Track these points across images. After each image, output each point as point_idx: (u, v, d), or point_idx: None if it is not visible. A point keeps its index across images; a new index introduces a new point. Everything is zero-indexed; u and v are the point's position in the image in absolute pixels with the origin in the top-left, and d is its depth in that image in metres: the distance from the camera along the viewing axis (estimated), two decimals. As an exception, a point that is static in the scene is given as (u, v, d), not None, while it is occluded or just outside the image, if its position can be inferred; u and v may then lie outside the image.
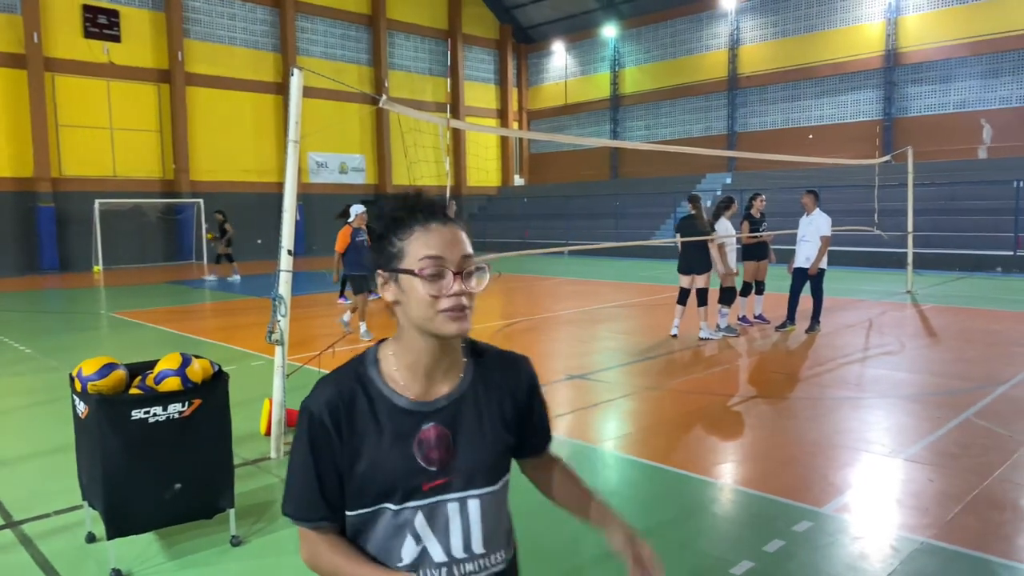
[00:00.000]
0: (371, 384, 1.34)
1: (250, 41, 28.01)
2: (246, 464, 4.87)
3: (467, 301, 1.27)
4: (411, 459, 1.30)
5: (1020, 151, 22.41)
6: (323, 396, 1.32)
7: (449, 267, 1.25)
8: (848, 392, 6.62)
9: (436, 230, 1.27)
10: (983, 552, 3.48)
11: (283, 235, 5.00)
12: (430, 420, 1.32)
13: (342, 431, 1.30)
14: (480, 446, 1.35)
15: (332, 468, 1.31)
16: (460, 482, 1.33)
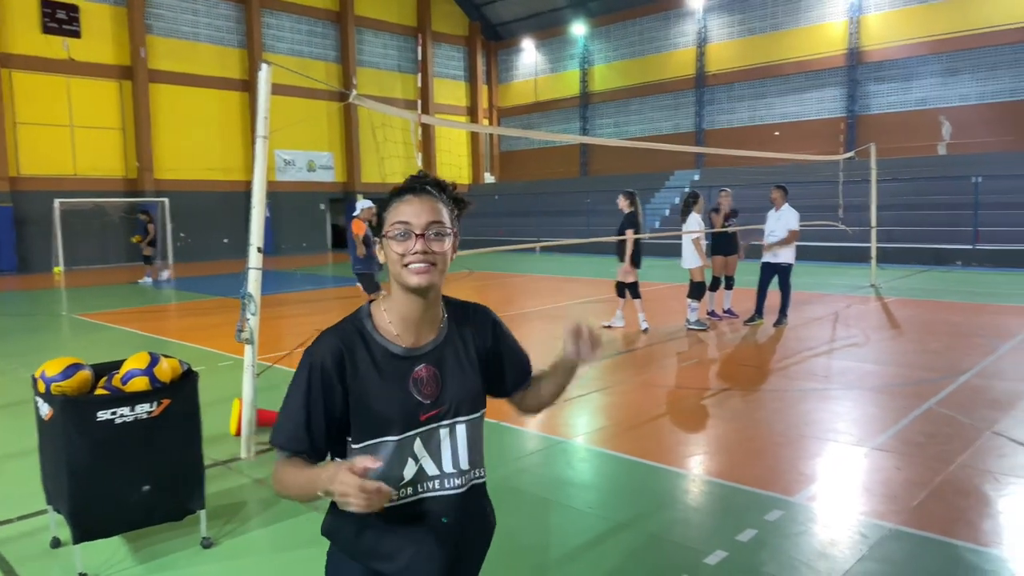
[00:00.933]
0: (368, 335, 1.58)
1: (215, 37, 27.57)
2: (216, 465, 4.80)
3: (431, 258, 1.51)
4: (409, 395, 1.56)
5: (978, 148, 22.98)
6: (326, 344, 1.55)
7: (414, 230, 1.51)
8: (816, 384, 6.73)
9: (408, 200, 1.55)
10: (949, 537, 3.57)
11: (252, 232, 4.92)
12: (421, 362, 1.59)
13: (345, 375, 1.53)
14: (462, 381, 1.63)
15: (324, 409, 1.53)
16: (449, 411, 1.60)
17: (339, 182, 31.79)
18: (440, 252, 1.53)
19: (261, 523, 3.95)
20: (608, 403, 6.39)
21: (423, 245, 1.51)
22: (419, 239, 1.51)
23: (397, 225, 1.52)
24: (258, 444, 5.04)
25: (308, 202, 30.62)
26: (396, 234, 1.52)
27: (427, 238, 1.51)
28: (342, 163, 31.79)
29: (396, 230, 1.52)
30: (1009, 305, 11.25)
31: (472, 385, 1.65)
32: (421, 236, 1.51)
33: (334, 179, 31.60)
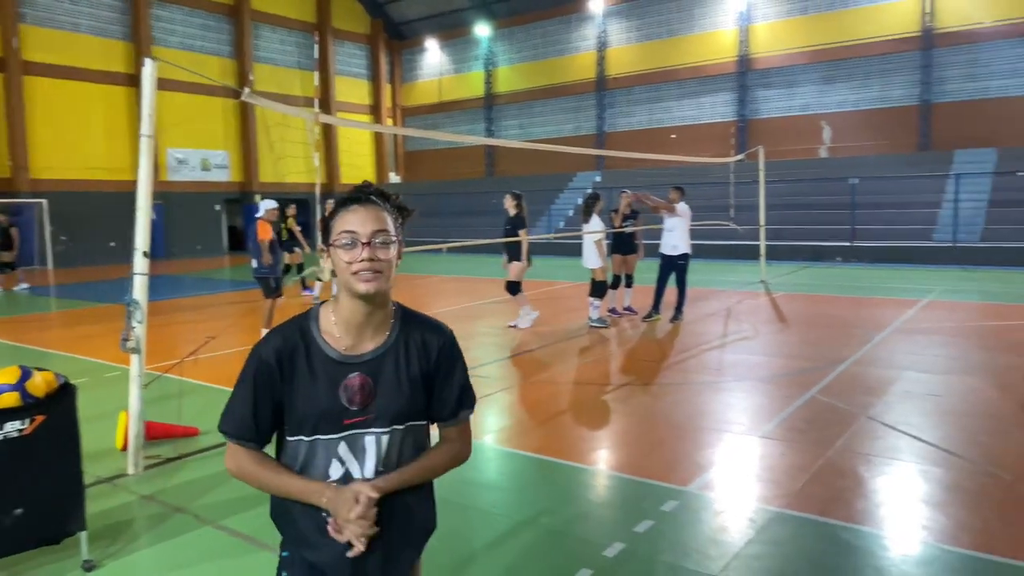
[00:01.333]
0: (310, 337, 1.67)
1: (97, 28, 25.98)
2: (100, 483, 4.53)
3: (377, 266, 1.58)
4: (336, 400, 1.63)
5: (855, 151, 24.62)
6: (271, 343, 1.66)
7: (360, 238, 1.58)
8: (710, 376, 7.03)
9: (353, 210, 1.61)
10: (828, 517, 3.81)
11: (137, 236, 4.68)
12: (356, 370, 1.65)
13: (284, 371, 1.64)
14: (396, 394, 1.67)
15: (269, 401, 1.64)
16: (377, 420, 1.65)
17: (235, 182, 30.61)
18: (386, 259, 1.60)
19: (149, 541, 3.77)
20: (512, 402, 6.45)
21: (369, 253, 1.57)
22: (365, 247, 1.57)
23: (344, 234, 1.59)
24: (147, 459, 4.81)
25: (202, 203, 29.34)
26: (343, 243, 1.59)
27: (373, 246, 1.58)
28: (238, 162, 30.64)
29: (343, 239, 1.59)
30: (883, 298, 12.11)
31: (405, 400, 1.68)
32: (367, 244, 1.57)
33: (230, 179, 30.41)
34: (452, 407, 1.77)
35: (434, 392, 1.74)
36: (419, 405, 1.72)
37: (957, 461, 4.58)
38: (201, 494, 4.33)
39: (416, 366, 1.70)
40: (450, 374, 1.75)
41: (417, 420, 1.73)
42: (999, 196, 19.66)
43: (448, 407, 1.76)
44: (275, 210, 9.05)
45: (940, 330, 9.01)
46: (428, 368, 1.72)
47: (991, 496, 4.03)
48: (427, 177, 36.69)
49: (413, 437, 1.72)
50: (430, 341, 1.73)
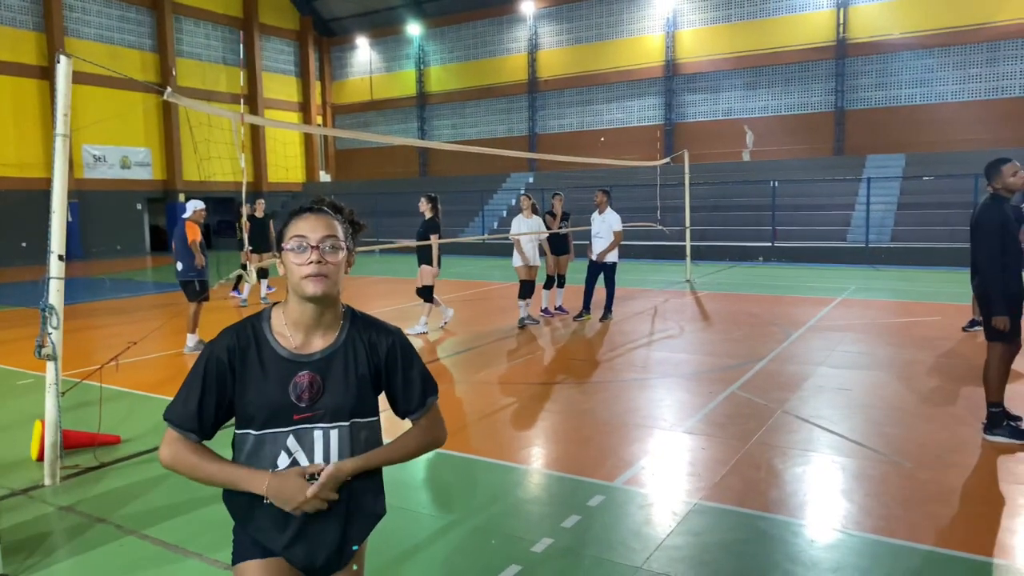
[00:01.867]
0: (262, 336, 1.75)
1: (5, 18, 24.66)
2: (14, 495, 4.36)
3: (324, 269, 1.67)
4: (285, 395, 1.71)
5: (776, 155, 25.61)
6: (224, 340, 1.74)
7: (310, 242, 1.67)
8: (636, 374, 7.24)
9: (305, 217, 1.72)
10: (745, 507, 4.01)
11: (52, 238, 4.52)
12: (305, 368, 1.73)
13: (235, 368, 1.72)
14: (344, 392, 1.75)
15: (216, 396, 1.72)
16: (325, 416, 1.74)
17: (158, 180, 29.58)
18: (334, 263, 1.69)
19: (68, 553, 3.66)
20: (442, 403, 6.47)
21: (318, 256, 1.66)
22: (314, 251, 1.67)
23: (295, 239, 1.69)
24: (64, 468, 4.65)
25: (123, 201, 28.22)
26: (294, 247, 1.68)
27: (322, 250, 1.67)
28: (161, 159, 29.60)
29: (294, 243, 1.68)
30: (800, 296, 12.67)
31: (353, 398, 1.76)
32: (316, 248, 1.67)
33: (152, 177, 29.35)
34: (418, 398, 1.88)
35: (395, 390, 1.85)
36: (368, 403, 1.80)
37: (863, 451, 4.87)
38: (123, 503, 4.22)
39: (365, 365, 1.78)
40: (407, 368, 1.85)
41: (366, 416, 1.80)
42: (907, 199, 20.82)
43: (414, 399, 1.88)
44: (203, 211, 8.79)
45: (851, 327, 9.50)
46: (378, 367, 1.81)
47: (892, 483, 4.31)
48: (359, 177, 36.25)
49: (365, 434, 1.80)
50: (379, 341, 1.82)
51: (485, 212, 27.93)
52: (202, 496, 4.28)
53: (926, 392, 6.34)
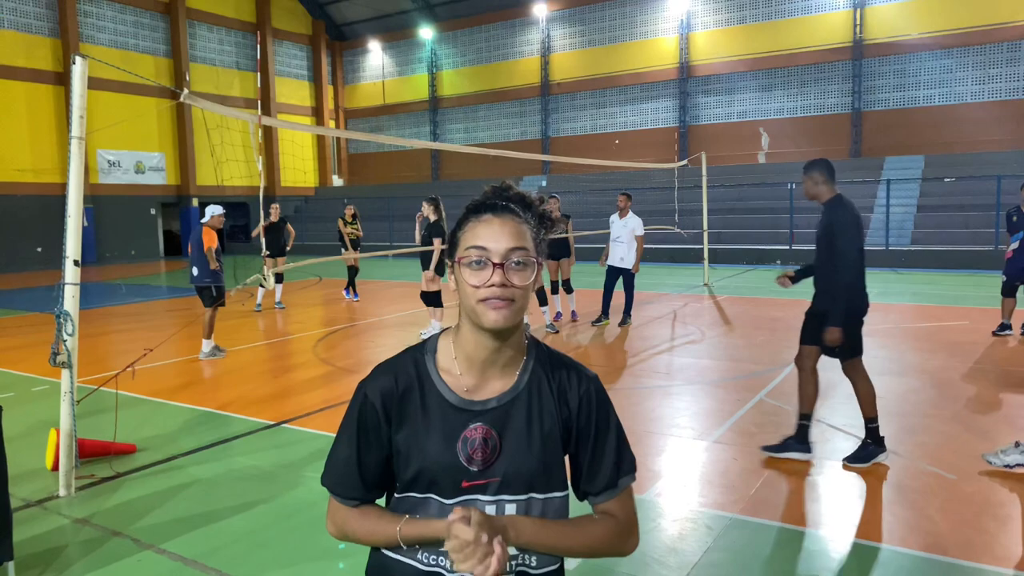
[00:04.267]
0: (426, 375, 1.38)
1: (21, 24, 24.82)
2: (29, 506, 4.26)
3: (510, 293, 1.29)
4: (454, 456, 1.33)
5: (793, 157, 25.35)
6: (379, 382, 1.38)
7: (492, 257, 1.29)
8: (659, 381, 7.08)
9: (486, 221, 1.33)
10: (783, 522, 3.85)
11: (67, 244, 4.43)
12: (478, 419, 1.35)
13: (391, 418, 1.36)
14: (525, 452, 1.35)
15: (376, 451, 1.38)
16: (501, 485, 1.35)
17: (172, 184, 29.67)
18: (521, 286, 1.30)
19: (83, 569, 3.54)
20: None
21: (501, 277, 1.28)
22: (497, 269, 1.28)
23: (472, 251, 1.30)
24: (79, 479, 4.55)
25: (137, 206, 28.33)
26: (471, 261, 1.30)
27: (507, 268, 1.29)
28: (175, 164, 29.70)
29: (471, 256, 1.30)
30: (821, 300, 12.46)
31: (536, 461, 1.36)
32: (500, 266, 1.29)
33: (166, 181, 29.46)
34: (610, 474, 1.40)
35: (582, 459, 1.41)
36: (554, 470, 1.39)
37: (901, 461, 4.70)
38: (140, 516, 4.11)
39: (551, 418, 1.38)
40: (602, 431, 1.41)
41: (552, 491, 1.39)
42: (927, 201, 20.53)
43: (604, 475, 1.40)
44: (221, 216, 8.66)
45: (877, 332, 9.29)
46: (567, 423, 1.40)
47: (936, 496, 4.14)
48: (371, 180, 36.25)
49: (548, 512, 1.39)
50: (569, 386, 1.41)
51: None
52: (220, 509, 4.17)
53: (961, 399, 6.14)
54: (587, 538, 1.36)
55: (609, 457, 1.40)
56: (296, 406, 6.41)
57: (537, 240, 1.36)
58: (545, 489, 1.38)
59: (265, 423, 5.86)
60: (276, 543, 3.76)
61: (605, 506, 1.41)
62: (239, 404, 6.51)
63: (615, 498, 1.41)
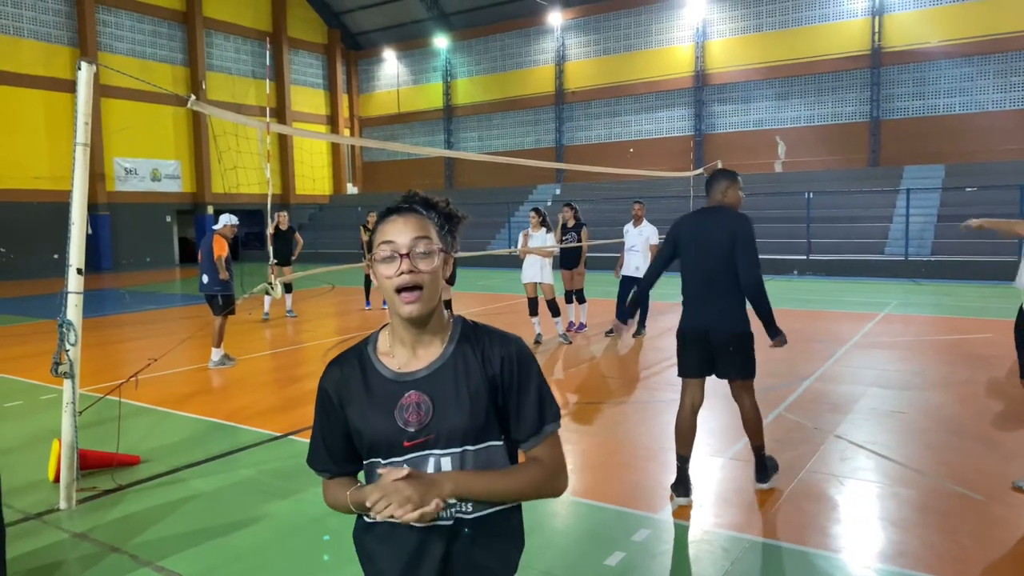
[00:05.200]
0: (367, 360, 1.59)
1: (40, 33, 25.10)
2: (28, 519, 4.17)
3: (417, 279, 1.47)
4: (392, 422, 1.52)
5: (809, 166, 25.10)
6: (329, 373, 1.61)
7: (399, 249, 1.47)
8: (674, 394, 6.86)
9: (392, 221, 1.51)
10: (804, 545, 3.68)
11: (71, 251, 4.36)
12: (411, 388, 1.52)
13: (343, 401, 1.57)
14: (455, 412, 1.51)
15: (335, 431, 1.59)
16: (437, 442, 1.51)
17: (187, 192, 29.84)
18: (428, 271, 1.48)
19: None
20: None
21: (409, 264, 1.46)
22: (404, 259, 1.47)
23: (383, 246, 1.49)
24: (81, 491, 4.46)
25: (153, 214, 28.51)
26: (383, 256, 1.49)
27: (413, 256, 1.47)
28: (190, 172, 29.88)
29: (382, 251, 1.49)
30: (840, 311, 12.23)
31: (466, 417, 1.51)
32: (406, 255, 1.47)
33: (181, 189, 29.62)
34: (533, 422, 1.56)
35: (509, 410, 1.56)
36: (483, 422, 1.53)
37: (926, 481, 4.51)
38: (140, 530, 4.01)
39: (477, 379, 1.53)
40: (524, 385, 1.56)
41: (485, 441, 1.54)
42: (947, 211, 20.19)
43: (528, 422, 1.56)
44: (234, 226, 8.62)
45: (899, 344, 9.08)
46: (493, 381, 1.54)
47: (964, 519, 3.95)
48: (385, 189, 36.30)
49: (485, 461, 1.54)
50: (492, 351, 1.56)
51: (512, 224, 27.71)
52: (222, 524, 4.06)
53: (988, 416, 5.94)
54: (517, 482, 1.52)
55: (532, 407, 1.56)
56: (303, 417, 6.31)
57: (442, 233, 1.53)
58: (478, 440, 1.53)
59: (271, 434, 5.76)
60: (276, 562, 3.64)
61: (533, 452, 1.57)
62: (246, 414, 6.41)
63: (541, 444, 1.57)
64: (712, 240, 4.23)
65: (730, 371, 4.34)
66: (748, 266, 4.17)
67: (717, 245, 4.20)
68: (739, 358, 4.30)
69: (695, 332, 4.39)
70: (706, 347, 4.33)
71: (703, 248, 4.29)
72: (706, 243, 4.27)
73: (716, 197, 4.42)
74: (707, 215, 4.39)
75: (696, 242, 4.33)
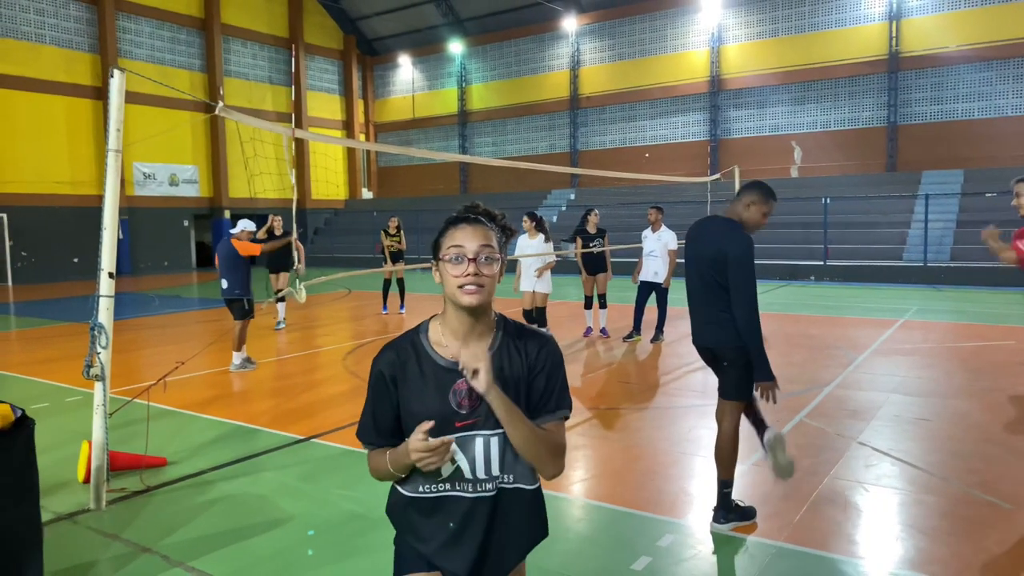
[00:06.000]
0: (421, 347, 1.81)
1: (62, 40, 25.43)
2: (59, 520, 4.24)
3: (481, 280, 1.70)
4: (447, 404, 1.76)
5: (826, 171, 24.96)
6: (385, 356, 1.83)
7: (467, 254, 1.70)
8: (695, 400, 6.90)
9: (462, 228, 1.74)
10: (828, 552, 3.67)
11: (102, 256, 4.42)
12: (463, 375, 1.70)
13: (397, 381, 1.79)
14: None
15: (387, 409, 1.82)
16: (486, 422, 1.75)
17: (204, 197, 30.10)
18: (490, 275, 1.72)
19: None
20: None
21: (475, 268, 1.69)
22: (471, 263, 1.70)
23: (452, 249, 1.72)
24: (111, 492, 4.52)
25: (170, 218, 28.77)
26: (451, 258, 1.71)
27: (478, 262, 1.70)
28: (208, 177, 30.14)
29: (451, 253, 1.71)
30: (859, 318, 12.16)
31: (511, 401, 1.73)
32: (473, 260, 1.70)
33: (199, 194, 29.89)
34: (553, 403, 1.81)
35: (534, 388, 1.79)
36: (523, 407, 1.77)
37: (952, 489, 4.48)
38: (170, 531, 4.06)
39: (519, 369, 1.78)
40: (552, 373, 1.81)
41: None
42: (967, 217, 20.02)
43: (549, 402, 1.80)
44: (250, 231, 8.70)
45: (919, 351, 9.02)
46: (530, 369, 1.79)
47: (994, 528, 3.93)
48: (400, 194, 36.45)
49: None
50: (531, 346, 1.81)
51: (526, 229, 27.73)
52: (249, 526, 4.11)
53: (1014, 424, 5.89)
54: (532, 428, 1.73)
55: (554, 392, 1.81)
56: (325, 420, 6.36)
57: (501, 243, 1.78)
58: None
59: (294, 437, 5.81)
60: (303, 565, 3.67)
61: (548, 425, 1.80)
62: (268, 418, 6.47)
63: (554, 422, 1.80)
64: (704, 252, 3.98)
65: (720, 387, 4.11)
66: (736, 292, 3.82)
67: (707, 259, 3.94)
68: (732, 375, 3.98)
69: (697, 345, 4.21)
70: (712, 362, 4.17)
71: (697, 259, 4.06)
72: (699, 254, 4.03)
73: (737, 208, 4.09)
74: (707, 225, 4.14)
75: (692, 251, 4.12)
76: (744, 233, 3.96)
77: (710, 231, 4.05)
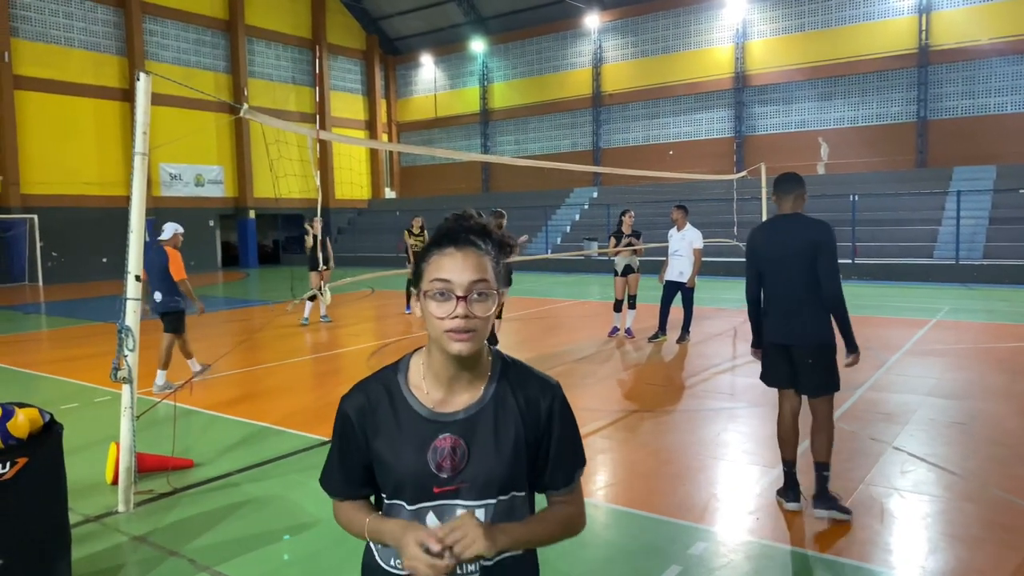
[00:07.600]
0: (397, 391, 1.48)
1: (90, 43, 25.81)
2: (87, 521, 4.25)
3: (472, 324, 1.35)
4: (424, 464, 1.42)
5: (854, 167, 24.57)
6: (354, 399, 1.50)
7: (455, 290, 1.35)
8: (723, 402, 6.79)
9: (449, 254, 1.38)
10: (866, 563, 3.57)
11: (129, 258, 4.43)
12: (447, 430, 1.43)
13: (367, 431, 1.47)
14: (493, 460, 1.43)
15: (356, 458, 1.50)
16: (469, 491, 1.43)
17: (230, 197, 30.38)
18: (483, 316, 1.37)
19: None
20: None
21: (465, 308, 1.35)
22: (460, 302, 1.35)
23: (437, 283, 1.37)
24: (138, 494, 4.53)
25: (196, 218, 29.03)
26: (435, 293, 1.37)
27: (470, 300, 1.36)
28: (233, 177, 30.42)
29: (435, 288, 1.37)
30: (890, 317, 11.92)
31: (504, 468, 1.44)
32: (463, 298, 1.35)
33: (224, 194, 30.18)
34: (568, 472, 1.53)
35: (548, 459, 1.50)
36: (519, 473, 1.47)
37: (993, 496, 4.35)
38: (197, 535, 4.06)
39: (519, 428, 1.46)
40: (564, 437, 1.51)
41: (510, 492, 1.47)
42: (1000, 213, 19.60)
43: (563, 472, 1.52)
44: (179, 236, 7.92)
45: (953, 352, 8.81)
46: (536, 433, 1.48)
47: (1037, 537, 3.80)
48: (423, 193, 36.52)
49: (514, 512, 1.48)
50: (536, 400, 1.48)
51: (548, 228, 27.67)
52: (276, 530, 4.09)
53: (1054, 428, 5.71)
54: (551, 529, 1.49)
55: (568, 457, 1.52)
56: (350, 422, 6.34)
57: (497, 270, 1.41)
58: (506, 491, 1.45)
59: (320, 439, 5.80)
60: (331, 570, 3.65)
61: (563, 497, 1.54)
62: (293, 419, 6.47)
63: (570, 493, 1.54)
64: (793, 250, 4.09)
65: (810, 386, 4.28)
66: (830, 277, 4.05)
67: (799, 255, 4.07)
68: (820, 371, 4.20)
69: (778, 345, 4.31)
70: (788, 360, 4.29)
71: (783, 258, 4.15)
72: (786, 253, 4.13)
73: (788, 204, 4.22)
74: (786, 223, 4.21)
75: (776, 252, 4.19)
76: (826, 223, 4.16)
77: (795, 227, 4.14)
